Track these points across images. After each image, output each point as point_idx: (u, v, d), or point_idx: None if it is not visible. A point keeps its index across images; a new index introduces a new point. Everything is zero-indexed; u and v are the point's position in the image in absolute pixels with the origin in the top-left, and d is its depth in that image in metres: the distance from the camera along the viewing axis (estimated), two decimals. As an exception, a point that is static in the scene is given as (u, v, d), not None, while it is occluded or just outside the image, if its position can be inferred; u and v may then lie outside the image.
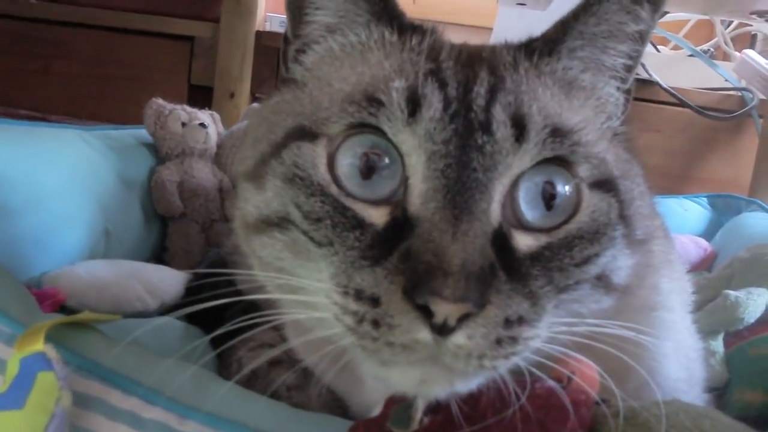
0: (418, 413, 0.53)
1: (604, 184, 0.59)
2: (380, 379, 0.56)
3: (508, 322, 0.51)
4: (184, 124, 1.50)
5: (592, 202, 0.58)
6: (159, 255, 1.45)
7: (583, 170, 0.58)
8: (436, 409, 0.53)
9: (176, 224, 1.46)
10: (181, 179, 1.47)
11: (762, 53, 2.28)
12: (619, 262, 0.60)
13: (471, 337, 0.50)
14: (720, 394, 0.97)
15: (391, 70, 0.59)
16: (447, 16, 2.46)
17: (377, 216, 0.56)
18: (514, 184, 0.56)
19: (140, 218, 1.39)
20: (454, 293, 0.48)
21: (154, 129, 1.49)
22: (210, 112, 1.63)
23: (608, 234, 0.58)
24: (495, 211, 0.55)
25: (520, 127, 0.56)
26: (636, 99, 2.30)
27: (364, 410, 0.73)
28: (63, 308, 0.95)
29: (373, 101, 0.56)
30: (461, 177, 0.54)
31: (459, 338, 0.49)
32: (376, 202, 0.56)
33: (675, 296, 0.80)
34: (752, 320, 1.01)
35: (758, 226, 1.60)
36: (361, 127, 0.57)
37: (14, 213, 0.97)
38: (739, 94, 2.22)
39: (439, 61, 0.60)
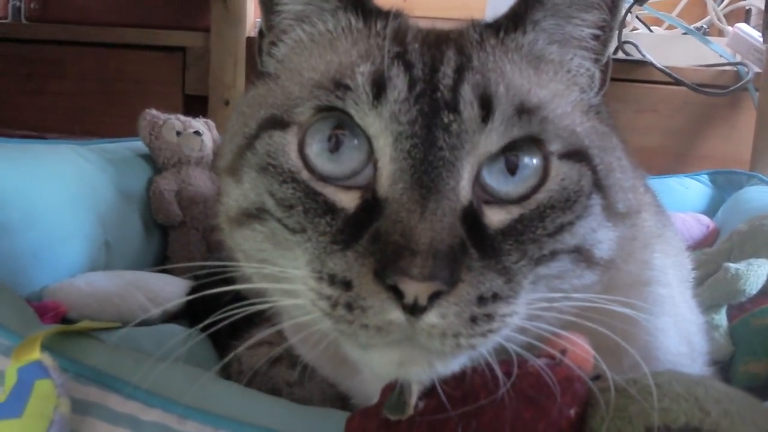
0: (413, 398, 0.53)
1: (575, 155, 0.59)
2: (362, 363, 0.57)
3: (481, 300, 0.51)
4: (178, 133, 1.51)
5: (562, 170, 0.58)
6: (161, 264, 1.46)
7: (552, 143, 0.58)
8: (431, 393, 0.53)
9: (176, 233, 1.47)
10: (178, 188, 1.47)
11: (756, 27, 2.26)
12: (599, 234, 0.60)
13: (444, 316, 0.50)
14: (725, 366, 0.96)
15: (358, 56, 0.60)
16: (437, 11, 2.46)
17: (348, 200, 0.56)
18: (487, 160, 0.56)
19: (140, 229, 1.40)
20: (422, 272, 0.48)
21: (150, 140, 1.50)
22: (204, 119, 1.64)
23: (582, 202, 0.58)
24: (464, 189, 0.55)
25: (486, 107, 0.56)
26: (631, 80, 2.29)
27: (364, 402, 0.73)
28: (65, 320, 0.96)
29: (340, 86, 0.57)
30: (427, 156, 0.54)
31: (431, 317, 0.49)
32: (347, 186, 0.57)
33: (671, 271, 0.80)
34: (754, 291, 1.00)
35: (760, 200, 1.59)
36: (328, 111, 0.58)
37: (12, 229, 0.98)
38: (735, 69, 2.21)
39: (406, 44, 0.60)
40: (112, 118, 2.36)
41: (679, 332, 0.76)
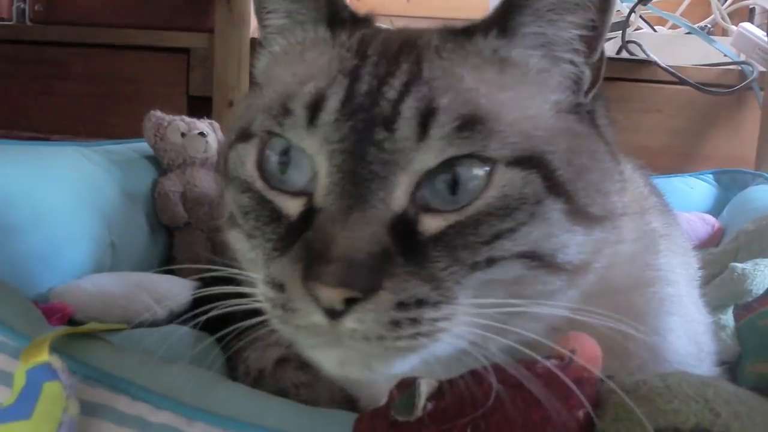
0: (422, 399, 0.53)
1: (525, 161, 0.58)
2: (312, 362, 0.60)
3: (402, 305, 0.53)
4: (183, 135, 1.51)
5: (505, 177, 0.57)
6: (166, 265, 1.46)
7: (499, 151, 0.57)
8: (439, 395, 0.53)
9: (182, 234, 1.47)
10: (183, 189, 1.48)
11: (761, 26, 2.26)
12: (561, 239, 0.59)
13: (361, 321, 0.52)
14: (732, 367, 0.96)
15: (316, 70, 0.62)
16: (440, 11, 2.46)
17: (293, 207, 0.60)
18: (427, 174, 0.57)
19: (145, 230, 1.40)
20: (333, 279, 0.51)
21: (155, 141, 1.50)
22: (209, 121, 1.64)
23: (525, 210, 0.57)
24: (398, 199, 0.56)
25: (424, 124, 0.56)
26: (635, 80, 2.29)
27: (373, 403, 0.73)
28: (71, 322, 0.97)
29: (284, 110, 0.60)
30: (356, 169, 0.56)
31: (349, 322, 0.52)
32: (294, 194, 0.60)
33: (679, 270, 0.80)
34: (760, 291, 1.00)
35: (765, 199, 1.58)
36: (275, 135, 0.61)
37: (18, 230, 0.99)
38: (739, 68, 2.20)
39: (366, 56, 0.62)
40: (116, 119, 2.37)
41: (687, 332, 0.76)
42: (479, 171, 0.57)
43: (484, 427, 0.50)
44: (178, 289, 1.16)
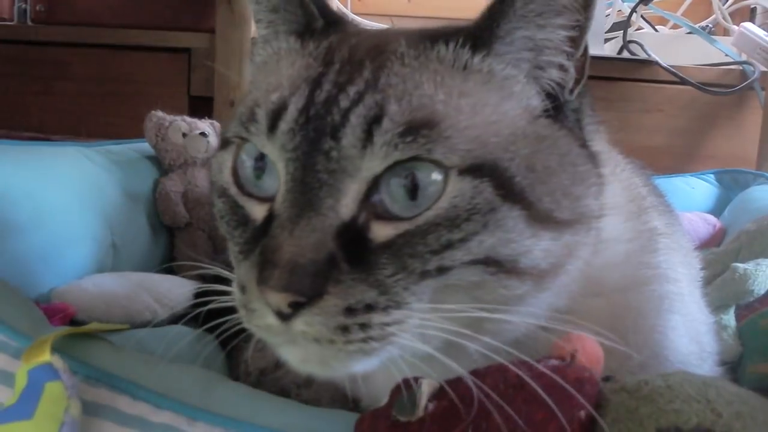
0: (423, 399, 0.53)
1: (477, 169, 0.57)
2: (282, 359, 0.62)
3: (350, 310, 0.55)
4: (184, 135, 1.51)
5: (456, 188, 0.57)
6: (167, 265, 1.46)
7: (449, 159, 0.57)
8: (441, 394, 0.53)
9: (183, 234, 1.47)
10: (185, 189, 1.48)
11: (762, 26, 2.26)
12: (523, 244, 0.58)
13: (309, 324, 0.55)
14: (733, 367, 0.96)
15: (284, 79, 0.63)
16: (440, 11, 2.46)
17: (259, 212, 0.62)
18: (376, 181, 0.57)
19: (146, 230, 1.40)
20: (278, 283, 0.53)
21: (156, 141, 1.50)
22: (210, 121, 1.64)
23: (476, 220, 0.56)
24: (347, 207, 0.57)
25: (369, 131, 0.57)
26: (636, 80, 2.29)
27: (374, 403, 0.73)
28: (73, 322, 0.97)
29: (251, 117, 0.62)
30: (306, 178, 0.57)
31: (298, 325, 0.55)
32: (263, 199, 0.62)
33: (681, 269, 0.80)
34: (762, 292, 1.00)
35: (766, 199, 1.58)
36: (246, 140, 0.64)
37: (20, 230, 0.99)
38: (740, 68, 2.20)
39: (331, 64, 0.62)
40: (118, 119, 2.37)
41: (689, 331, 0.76)
42: (435, 177, 0.57)
43: (486, 427, 0.50)
44: (179, 289, 1.16)
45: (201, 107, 2.18)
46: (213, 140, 1.56)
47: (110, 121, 2.40)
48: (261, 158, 0.62)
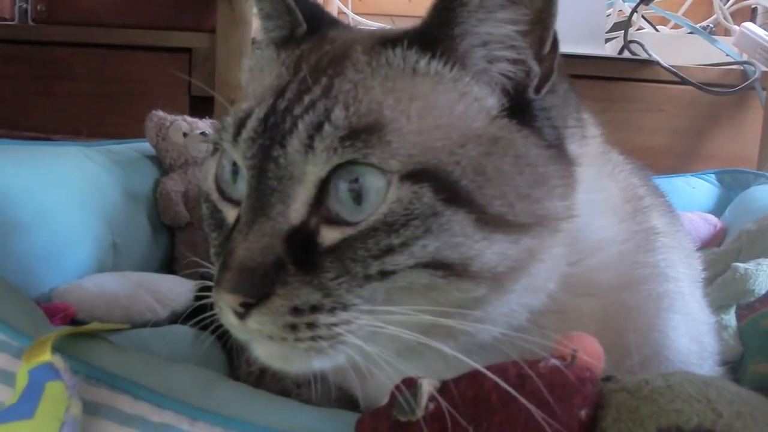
0: (423, 399, 0.53)
1: (418, 175, 0.57)
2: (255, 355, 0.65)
3: (297, 311, 0.58)
4: (185, 135, 1.51)
5: (396, 193, 0.57)
6: (168, 265, 1.46)
7: (387, 164, 0.57)
8: (441, 394, 0.53)
9: (183, 234, 1.47)
10: (185, 189, 1.48)
11: (763, 26, 2.26)
12: (473, 248, 0.58)
13: (261, 323, 0.58)
14: (734, 367, 0.96)
15: (260, 88, 0.66)
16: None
17: (232, 216, 0.65)
18: (324, 185, 0.59)
19: (147, 230, 1.40)
20: (228, 285, 0.57)
21: (156, 141, 1.50)
22: (211, 121, 1.64)
23: (417, 225, 0.57)
24: (297, 212, 0.60)
25: (311, 138, 0.58)
26: (637, 80, 2.29)
27: (374, 403, 0.73)
28: (74, 322, 0.96)
29: (224, 125, 0.65)
30: (260, 185, 0.60)
31: (251, 323, 0.58)
32: (236, 203, 0.65)
33: (682, 269, 0.80)
34: (762, 291, 1.00)
35: (767, 199, 1.58)
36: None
37: (20, 230, 0.99)
38: (741, 68, 2.20)
39: (298, 73, 0.64)
40: (118, 119, 2.37)
41: (690, 331, 0.76)
42: (378, 182, 0.58)
43: (486, 427, 0.50)
44: (179, 289, 1.16)
45: (202, 107, 2.18)
46: (214, 140, 1.56)
47: (111, 120, 2.40)
48: (235, 163, 0.65)
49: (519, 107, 0.63)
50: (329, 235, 0.59)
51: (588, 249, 0.69)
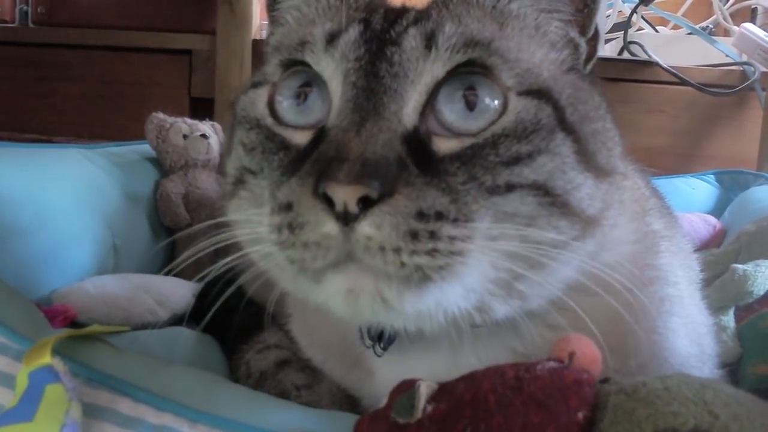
0: (422, 401, 0.53)
1: (536, 93, 0.60)
2: (320, 303, 0.58)
3: (422, 215, 0.52)
4: (185, 136, 1.52)
5: (520, 104, 0.59)
6: (168, 267, 1.46)
7: (507, 77, 0.59)
8: (439, 396, 0.53)
9: (183, 235, 1.47)
10: (186, 191, 1.48)
11: (763, 27, 2.26)
12: (572, 177, 0.59)
13: (378, 227, 0.51)
14: (733, 369, 0.96)
15: (325, 22, 0.64)
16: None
17: (301, 137, 0.61)
18: (435, 92, 0.58)
19: (147, 232, 1.40)
20: (348, 175, 0.50)
21: (157, 143, 1.50)
22: (211, 122, 1.64)
23: (540, 135, 0.58)
24: (409, 115, 0.58)
25: (429, 38, 0.59)
26: (636, 80, 2.28)
27: (374, 405, 0.73)
28: (74, 324, 0.97)
29: (302, 43, 0.63)
30: (370, 84, 0.58)
31: (365, 227, 0.51)
32: (303, 128, 0.61)
33: (681, 272, 0.80)
34: (761, 293, 1.00)
35: (767, 200, 1.58)
36: (293, 65, 0.63)
37: (21, 233, 0.99)
38: (741, 68, 2.20)
39: (373, 10, 0.65)
40: (119, 121, 2.37)
41: (689, 333, 0.76)
42: (493, 93, 0.58)
43: (484, 429, 0.50)
44: (180, 291, 1.16)
45: (202, 109, 2.19)
46: (214, 142, 1.56)
47: (111, 122, 2.40)
48: (307, 84, 0.62)
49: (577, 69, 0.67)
50: (446, 144, 0.57)
51: (607, 243, 0.69)
